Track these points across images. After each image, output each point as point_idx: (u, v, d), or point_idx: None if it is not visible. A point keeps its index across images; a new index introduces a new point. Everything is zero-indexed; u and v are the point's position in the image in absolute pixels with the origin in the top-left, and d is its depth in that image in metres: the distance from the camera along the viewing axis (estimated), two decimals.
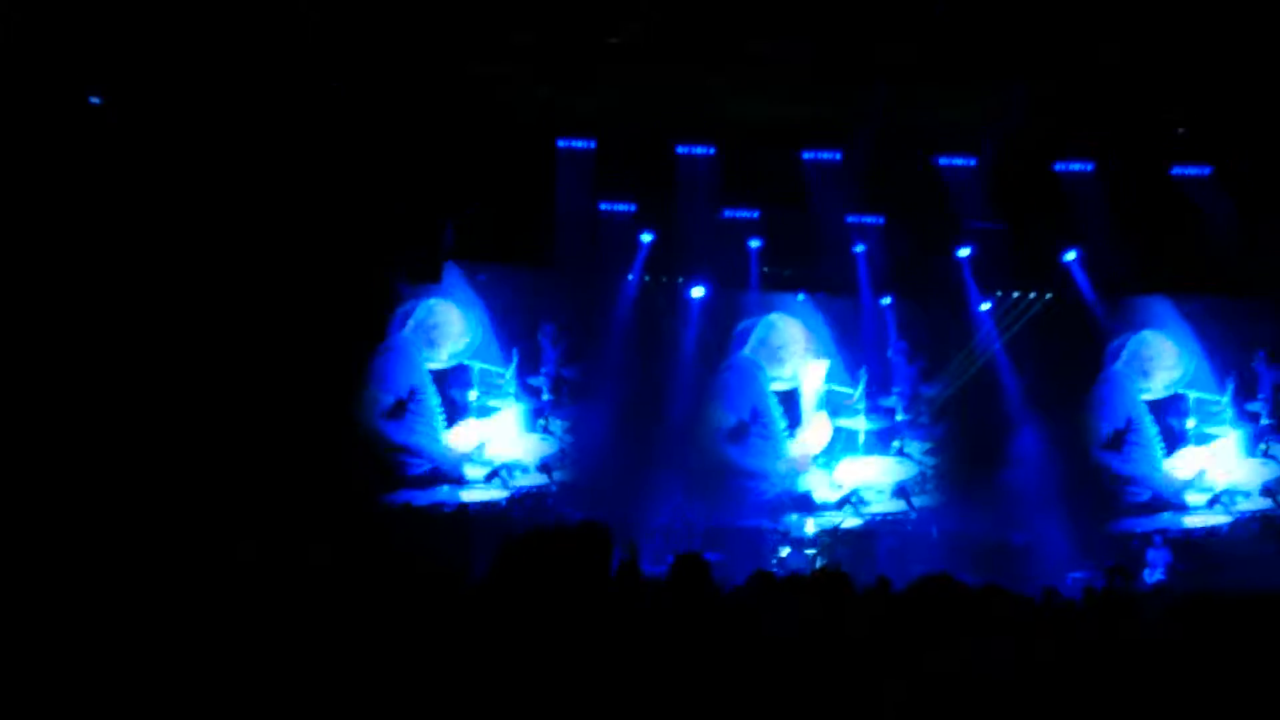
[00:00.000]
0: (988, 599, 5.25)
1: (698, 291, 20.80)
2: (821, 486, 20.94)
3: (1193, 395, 21.13)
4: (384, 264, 19.61)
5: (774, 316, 21.30)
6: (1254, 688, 4.12)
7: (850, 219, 20.27)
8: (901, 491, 21.03)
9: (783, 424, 21.05)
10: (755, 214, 20.34)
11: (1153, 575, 19.14)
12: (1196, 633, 4.67)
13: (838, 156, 19.32)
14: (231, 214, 17.35)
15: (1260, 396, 20.98)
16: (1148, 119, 18.03)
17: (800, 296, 21.36)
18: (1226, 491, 20.86)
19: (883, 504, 21.00)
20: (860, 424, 21.16)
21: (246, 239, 17.54)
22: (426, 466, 20.21)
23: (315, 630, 4.59)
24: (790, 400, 21.15)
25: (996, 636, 4.73)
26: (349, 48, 16.03)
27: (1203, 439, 21.02)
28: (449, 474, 20.29)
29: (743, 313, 21.28)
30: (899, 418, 21.22)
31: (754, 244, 20.58)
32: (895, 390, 21.20)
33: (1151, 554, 19.51)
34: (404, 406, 20.25)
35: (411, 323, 20.54)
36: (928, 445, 21.17)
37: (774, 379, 21.23)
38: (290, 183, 17.56)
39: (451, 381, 20.54)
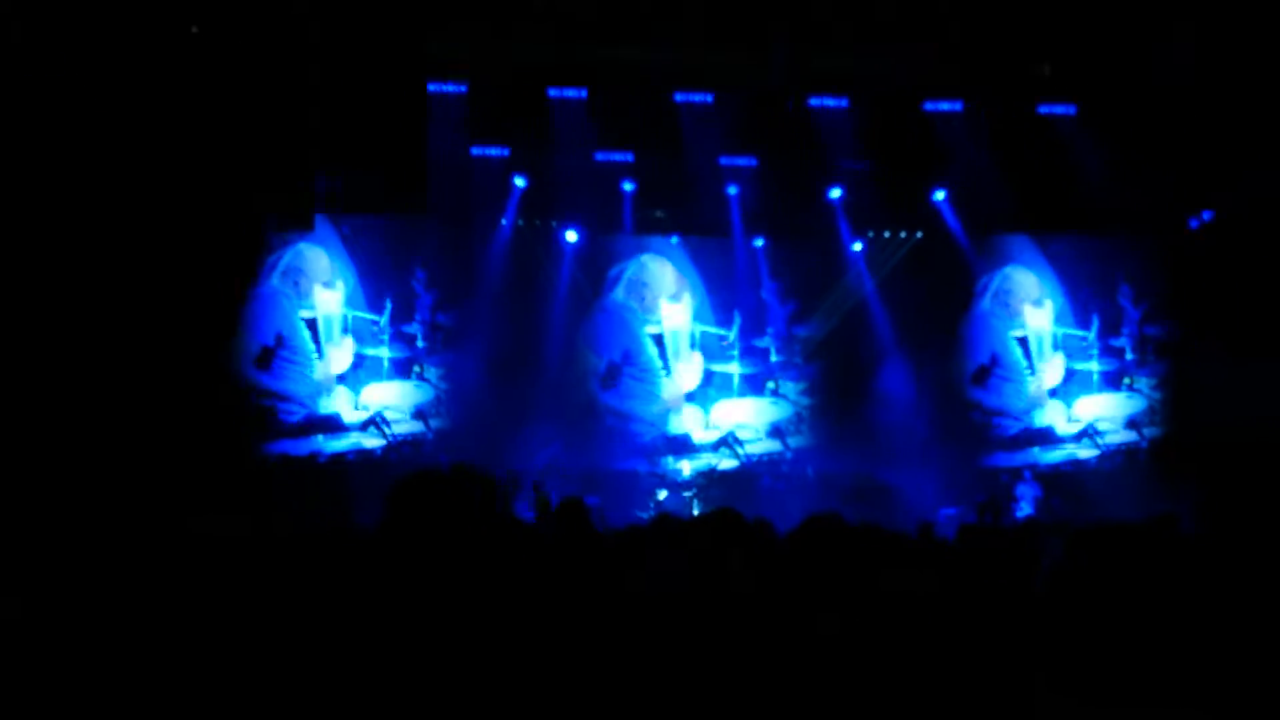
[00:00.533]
0: (869, 536, 5.30)
1: (571, 236, 20.71)
2: (697, 428, 21.04)
3: (1060, 332, 21.49)
4: (253, 213, 19.25)
5: (645, 257, 21.22)
6: (1137, 616, 4.21)
7: (723, 161, 20.22)
8: (776, 432, 21.20)
9: (657, 365, 21.07)
10: (629, 157, 20.23)
11: (1021, 510, 19.50)
12: (1092, 563, 4.75)
13: (710, 99, 19.28)
14: (92, 165, 16.89)
15: (1124, 332, 21.42)
16: (1014, 58, 18.22)
17: (674, 239, 21.33)
18: (1093, 425, 21.32)
19: (758, 445, 21.16)
20: (734, 367, 21.24)
21: (108, 191, 17.11)
22: (301, 413, 19.99)
23: (208, 596, 4.51)
24: (663, 342, 21.16)
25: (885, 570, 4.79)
26: None
27: (1070, 375, 21.43)
28: (324, 422, 20.07)
29: (616, 256, 21.20)
30: (773, 359, 21.33)
31: (627, 187, 20.49)
32: (769, 331, 21.29)
33: (1021, 488, 19.90)
34: (272, 353, 19.95)
35: (280, 269, 20.17)
36: (802, 386, 21.32)
37: (646, 320, 21.20)
38: (152, 132, 17.14)
39: (325, 330, 20.26)
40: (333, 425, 20.13)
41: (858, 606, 4.61)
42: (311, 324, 20.24)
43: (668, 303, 21.21)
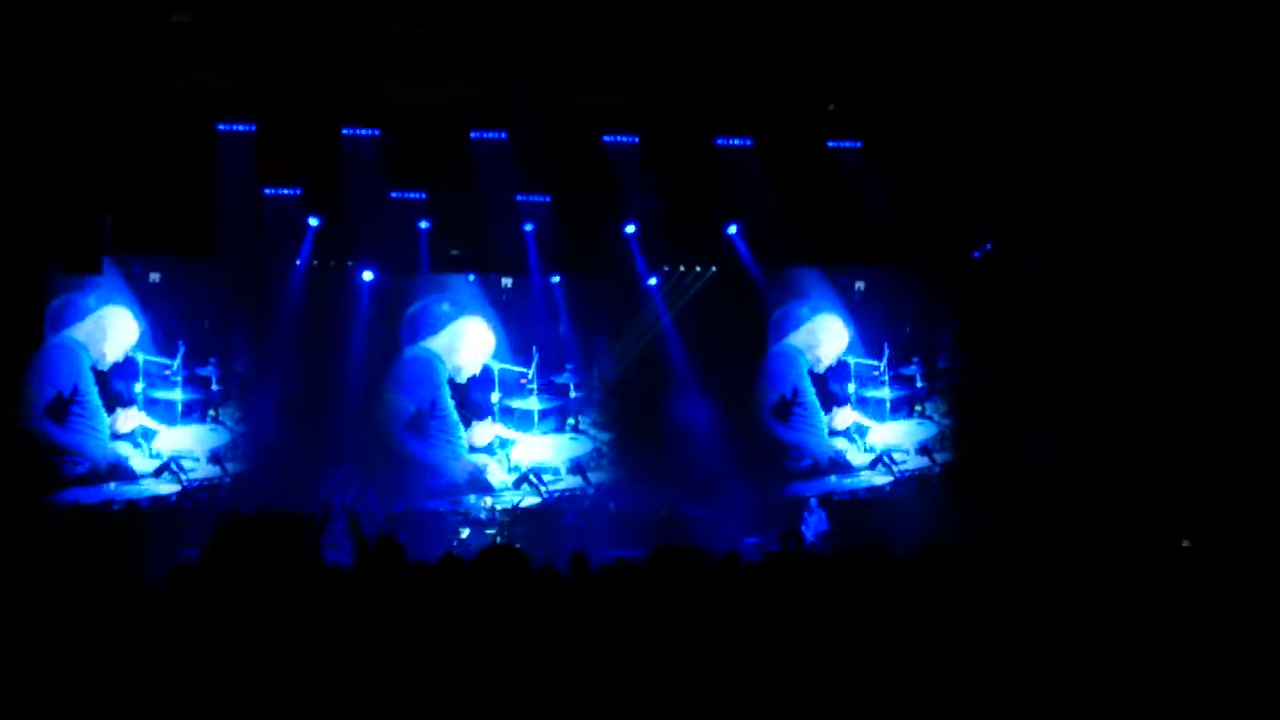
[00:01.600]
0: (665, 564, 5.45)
1: (367, 275, 20.61)
2: (498, 467, 21.03)
3: (852, 361, 21.95)
4: (39, 256, 18.83)
5: (443, 296, 21.21)
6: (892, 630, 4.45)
7: (519, 198, 20.29)
8: (578, 468, 21.28)
9: (456, 420, 21.05)
10: (423, 195, 20.20)
11: (808, 537, 19.80)
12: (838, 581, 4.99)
13: (504, 136, 19.35)
14: None
15: (914, 360, 21.96)
16: (802, 94, 18.57)
17: (470, 277, 21.34)
18: (886, 452, 21.80)
19: (560, 481, 21.21)
20: (534, 403, 21.28)
21: None
22: (87, 464, 19.50)
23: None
24: (465, 391, 21.16)
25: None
26: None
27: (863, 402, 21.89)
28: (116, 469, 19.61)
29: (414, 295, 21.12)
30: (572, 395, 21.44)
31: (423, 225, 20.44)
32: (568, 367, 21.40)
33: (806, 516, 20.14)
34: (65, 403, 19.46)
35: (69, 316, 19.68)
36: (602, 420, 21.47)
37: (452, 370, 21.14)
38: None
39: (116, 375, 19.82)
40: (125, 472, 19.66)
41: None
42: (102, 376, 19.78)
43: (474, 351, 21.22)
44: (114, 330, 19.89)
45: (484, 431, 21.10)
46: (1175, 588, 5.92)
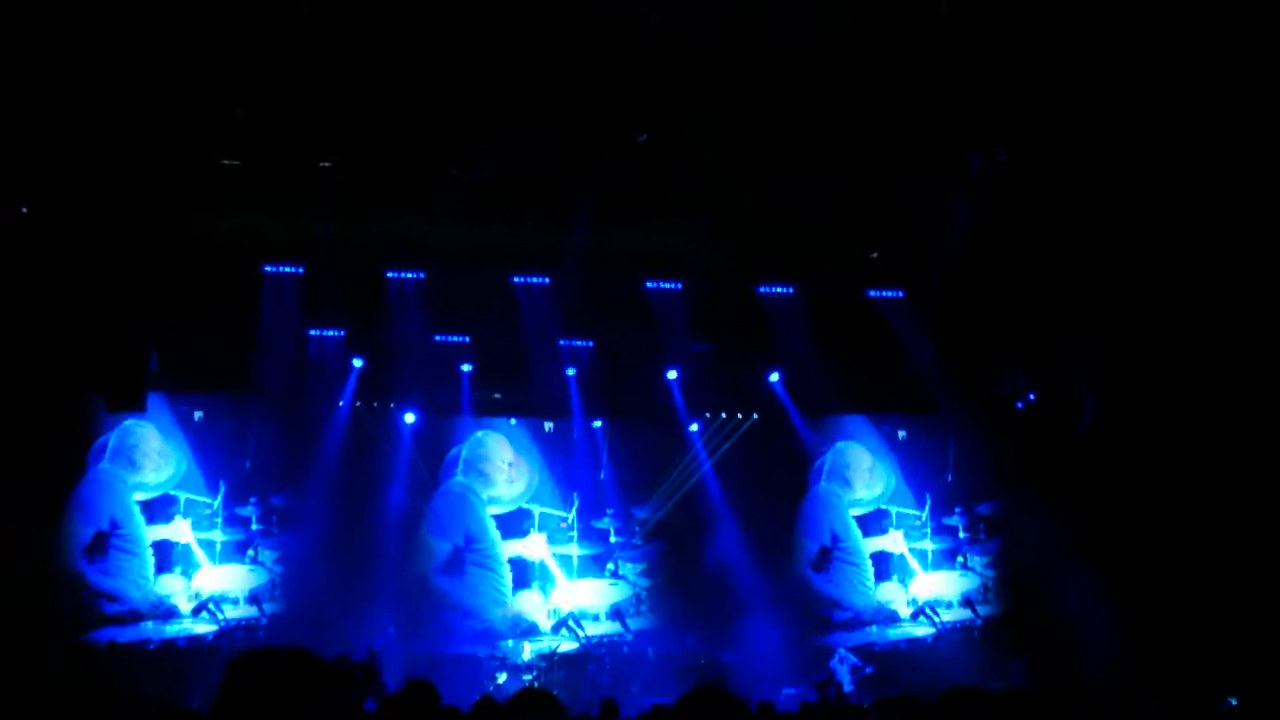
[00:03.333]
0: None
1: (409, 418, 20.64)
2: (538, 611, 20.90)
3: (894, 510, 21.79)
4: (85, 392, 19.01)
5: (480, 434, 21.24)
6: None
7: (561, 342, 20.38)
8: (616, 613, 21.10)
9: (499, 550, 20.98)
10: (466, 338, 20.33)
11: (844, 686, 19.51)
12: None
13: (547, 280, 19.49)
14: None
15: (956, 510, 21.78)
16: (842, 244, 18.64)
17: (512, 420, 21.38)
18: (929, 604, 21.53)
19: (599, 626, 21.03)
20: (574, 548, 21.19)
21: None
22: (128, 605, 19.48)
23: None
24: (507, 530, 21.13)
25: None
26: (42, 167, 15.61)
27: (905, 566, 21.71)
28: (154, 607, 19.58)
29: (455, 438, 21.17)
30: (612, 540, 21.34)
31: (465, 368, 20.54)
32: (608, 512, 21.33)
33: (834, 665, 19.84)
34: (105, 540, 19.51)
35: (110, 450, 19.81)
36: (641, 566, 21.34)
37: (490, 501, 21.13)
38: None
39: (157, 511, 19.88)
40: (163, 611, 19.63)
41: None
42: (145, 506, 19.87)
43: (505, 480, 21.21)
44: (153, 460, 19.97)
45: (534, 546, 21.02)
46: None
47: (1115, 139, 14.67)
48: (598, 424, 21.42)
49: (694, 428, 21.38)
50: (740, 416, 21.68)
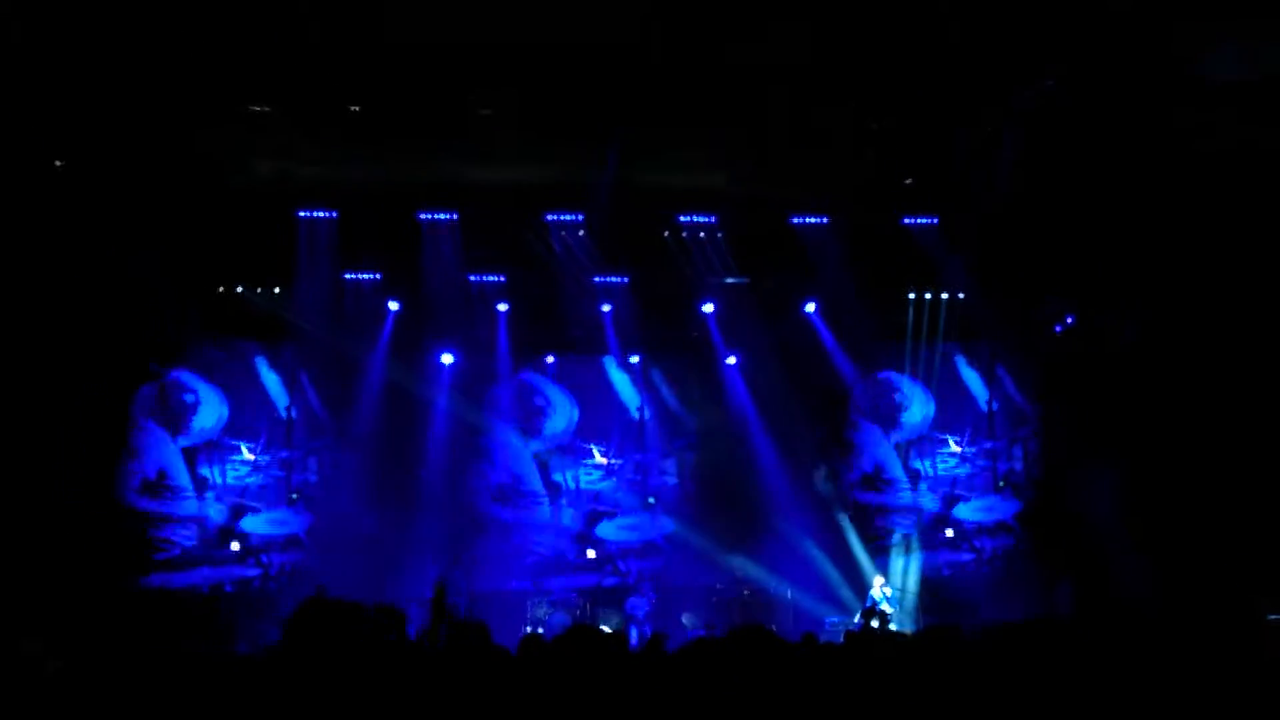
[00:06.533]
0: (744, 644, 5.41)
1: (447, 358, 20.67)
2: (581, 547, 21.00)
3: (934, 436, 21.77)
4: (133, 342, 19.18)
5: (518, 372, 21.31)
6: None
7: (596, 279, 20.36)
8: (658, 546, 21.17)
9: (541, 492, 21.09)
10: (501, 278, 20.33)
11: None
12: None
13: (579, 218, 19.44)
14: None
15: (996, 434, 21.74)
16: (876, 171, 18.47)
17: (549, 358, 21.40)
18: (972, 527, 21.53)
19: (640, 560, 21.12)
20: (614, 484, 21.28)
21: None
22: (177, 549, 19.70)
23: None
24: (548, 466, 21.23)
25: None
26: (75, 121, 15.66)
27: (944, 479, 21.71)
28: (202, 553, 19.79)
29: (494, 377, 21.20)
30: (652, 474, 21.37)
31: (501, 308, 20.54)
32: (647, 447, 21.36)
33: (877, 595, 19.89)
34: (154, 485, 19.72)
35: (155, 401, 19.99)
36: (681, 498, 21.38)
37: (529, 439, 21.23)
38: (31, 263, 17.10)
39: (203, 459, 20.08)
40: (211, 556, 19.83)
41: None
42: (190, 458, 20.06)
43: (544, 418, 21.30)
44: (200, 413, 20.14)
45: (575, 481, 21.31)
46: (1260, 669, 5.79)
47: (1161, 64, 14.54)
48: (635, 359, 21.40)
49: (731, 360, 21.32)
50: (779, 347, 21.44)
